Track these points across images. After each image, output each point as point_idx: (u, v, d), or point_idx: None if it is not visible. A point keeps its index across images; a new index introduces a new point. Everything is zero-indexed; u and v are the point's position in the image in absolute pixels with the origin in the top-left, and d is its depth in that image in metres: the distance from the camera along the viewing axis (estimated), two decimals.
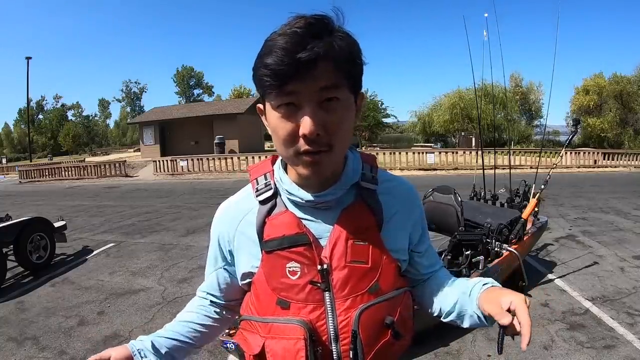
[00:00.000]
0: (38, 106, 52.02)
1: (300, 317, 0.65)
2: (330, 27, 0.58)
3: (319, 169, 0.62)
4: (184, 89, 52.16)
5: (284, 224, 0.68)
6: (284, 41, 0.55)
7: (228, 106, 23.21)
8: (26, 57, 29.51)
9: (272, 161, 0.76)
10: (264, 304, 0.68)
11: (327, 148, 0.60)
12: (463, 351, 2.56)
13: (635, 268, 3.95)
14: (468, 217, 3.36)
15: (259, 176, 0.74)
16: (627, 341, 2.61)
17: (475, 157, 14.47)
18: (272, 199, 0.71)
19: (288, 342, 0.64)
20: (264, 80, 0.57)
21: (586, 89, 25.66)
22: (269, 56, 0.56)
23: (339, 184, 0.69)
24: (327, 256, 0.66)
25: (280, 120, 0.60)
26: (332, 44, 0.57)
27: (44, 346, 2.81)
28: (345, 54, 0.58)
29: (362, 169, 0.72)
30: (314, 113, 0.57)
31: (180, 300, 3.53)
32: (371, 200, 0.70)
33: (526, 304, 0.60)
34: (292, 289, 0.66)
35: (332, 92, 0.58)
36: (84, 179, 16.64)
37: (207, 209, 8.07)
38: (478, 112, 6.65)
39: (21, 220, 4.43)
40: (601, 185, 10.12)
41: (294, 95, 0.57)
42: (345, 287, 0.65)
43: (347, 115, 0.62)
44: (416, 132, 31.87)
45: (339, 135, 0.61)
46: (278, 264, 0.67)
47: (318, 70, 0.56)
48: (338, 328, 0.65)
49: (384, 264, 0.68)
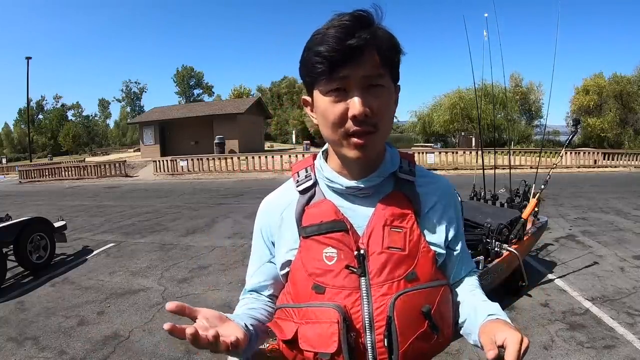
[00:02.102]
0: (38, 106, 52.03)
1: (336, 302, 0.65)
2: (372, 20, 0.63)
3: (366, 150, 0.65)
4: (184, 89, 52.16)
5: (322, 211, 0.70)
6: (335, 31, 0.60)
7: (228, 106, 23.22)
8: (26, 57, 29.50)
9: (313, 157, 0.79)
10: (300, 289, 0.69)
11: (373, 129, 0.64)
12: (463, 351, 2.57)
13: (635, 268, 3.95)
14: (468, 217, 3.36)
15: (300, 170, 0.78)
16: (627, 341, 2.61)
17: (475, 157, 14.48)
18: (312, 188, 0.74)
19: (321, 326, 0.64)
20: (315, 67, 0.62)
21: (586, 89, 25.67)
22: (321, 45, 0.61)
23: (378, 172, 0.71)
24: (364, 242, 0.68)
25: (330, 104, 0.64)
26: (377, 33, 0.63)
27: (44, 346, 2.81)
28: (389, 43, 0.65)
29: (400, 162, 0.75)
30: (363, 96, 0.62)
31: (180, 300, 3.51)
32: (409, 191, 0.73)
33: (520, 344, 0.57)
34: (328, 274, 0.66)
35: (378, 79, 0.63)
36: (84, 179, 16.64)
37: (207, 209, 8.07)
38: (478, 112, 6.64)
39: (21, 220, 4.43)
40: (601, 185, 10.12)
41: (344, 80, 0.62)
42: (381, 273, 0.66)
43: (390, 102, 0.67)
44: (416, 132, 31.87)
45: (385, 118, 0.65)
46: (315, 248, 0.68)
47: (366, 57, 0.61)
48: (373, 315, 0.64)
49: (421, 252, 0.69)
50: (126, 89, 56.86)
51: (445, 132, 28.49)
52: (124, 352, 2.68)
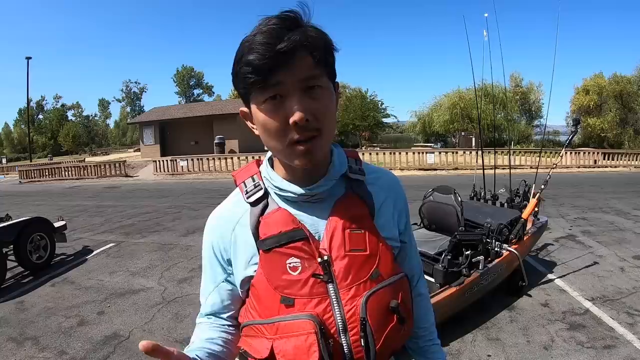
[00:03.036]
0: (38, 106, 51.98)
1: (307, 312, 0.64)
2: (301, 21, 0.61)
3: (312, 155, 0.63)
4: (184, 89, 52.13)
5: (279, 221, 0.68)
6: (262, 37, 0.58)
7: (228, 106, 23.17)
8: (26, 57, 29.45)
9: (257, 164, 0.77)
10: (266, 305, 0.67)
11: (317, 132, 0.62)
12: (463, 351, 2.57)
13: (635, 268, 3.95)
14: (468, 217, 3.36)
15: (246, 179, 0.74)
16: (627, 341, 2.62)
17: (475, 157, 14.46)
18: (263, 199, 0.71)
19: (298, 339, 0.63)
20: (247, 78, 0.59)
21: (586, 89, 25.68)
22: (250, 54, 0.58)
23: (329, 176, 0.70)
24: (326, 248, 0.67)
25: (268, 114, 0.61)
26: (307, 34, 0.60)
27: (44, 346, 2.81)
28: (320, 42, 0.62)
29: (347, 162, 0.74)
30: (300, 100, 0.60)
31: (180, 300, 3.53)
32: (361, 190, 0.73)
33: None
34: (295, 285, 0.65)
35: (314, 80, 0.61)
36: (84, 179, 16.64)
37: (207, 209, 8.07)
38: (478, 112, 6.65)
39: (21, 220, 4.43)
40: (601, 185, 10.12)
41: (279, 87, 0.59)
42: (347, 276, 0.66)
43: (330, 102, 0.65)
44: (416, 132, 31.90)
45: (326, 120, 0.63)
46: (278, 261, 0.66)
47: (298, 59, 0.59)
48: (346, 318, 0.64)
49: (382, 250, 0.69)
50: (126, 89, 56.85)
51: (445, 132, 28.50)
52: (124, 352, 2.68)
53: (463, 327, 2.84)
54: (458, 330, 2.80)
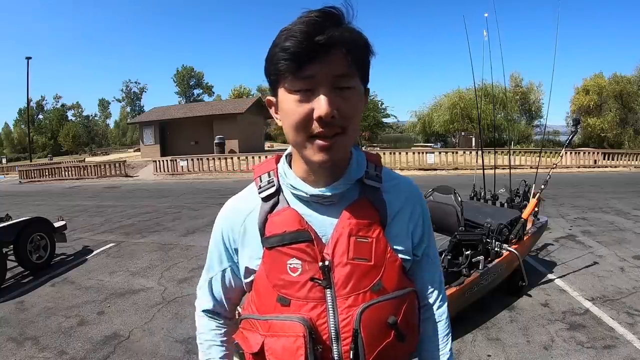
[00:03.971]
0: (38, 106, 52.00)
1: (301, 314, 0.64)
2: (343, 19, 0.60)
3: (331, 153, 0.61)
4: (184, 89, 52.11)
5: (286, 220, 0.67)
6: (303, 26, 0.57)
7: (228, 106, 23.20)
8: (26, 57, 29.45)
9: (276, 160, 0.76)
10: (264, 301, 0.68)
11: (340, 131, 0.61)
12: (463, 351, 2.57)
13: (635, 268, 3.95)
14: (468, 217, 3.36)
15: (263, 174, 0.74)
16: (627, 341, 2.61)
17: (475, 157, 14.45)
18: (275, 195, 0.71)
19: (287, 339, 0.63)
20: (280, 64, 0.58)
21: (586, 89, 25.70)
22: (287, 40, 0.57)
23: (344, 180, 0.68)
24: (329, 253, 0.66)
25: (294, 104, 0.60)
26: (347, 32, 0.59)
27: (44, 346, 2.81)
28: (359, 43, 0.61)
29: (366, 167, 0.72)
30: (330, 96, 0.58)
31: (180, 300, 3.53)
32: (375, 198, 0.70)
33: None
34: (293, 286, 0.65)
35: (347, 80, 0.60)
36: (84, 179, 16.64)
37: (207, 209, 8.07)
38: (478, 112, 6.65)
39: (21, 220, 4.43)
40: (601, 185, 10.12)
41: (311, 80, 0.58)
42: (347, 285, 0.65)
43: (359, 104, 0.63)
44: (416, 132, 31.91)
45: (353, 121, 0.62)
46: (279, 260, 0.66)
47: (334, 55, 0.58)
48: (339, 327, 0.64)
49: (388, 262, 0.67)
50: (126, 89, 56.86)
51: (445, 132, 28.52)
52: (124, 352, 2.68)
53: (463, 327, 2.84)
54: (458, 330, 2.80)
